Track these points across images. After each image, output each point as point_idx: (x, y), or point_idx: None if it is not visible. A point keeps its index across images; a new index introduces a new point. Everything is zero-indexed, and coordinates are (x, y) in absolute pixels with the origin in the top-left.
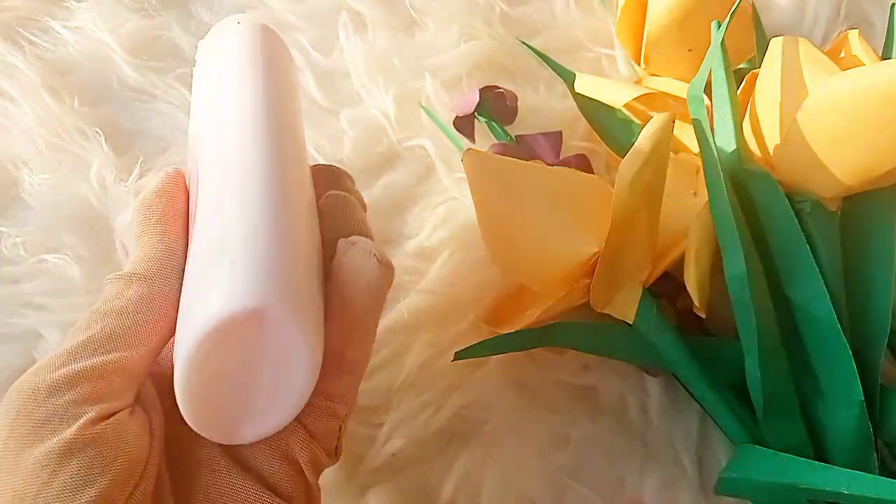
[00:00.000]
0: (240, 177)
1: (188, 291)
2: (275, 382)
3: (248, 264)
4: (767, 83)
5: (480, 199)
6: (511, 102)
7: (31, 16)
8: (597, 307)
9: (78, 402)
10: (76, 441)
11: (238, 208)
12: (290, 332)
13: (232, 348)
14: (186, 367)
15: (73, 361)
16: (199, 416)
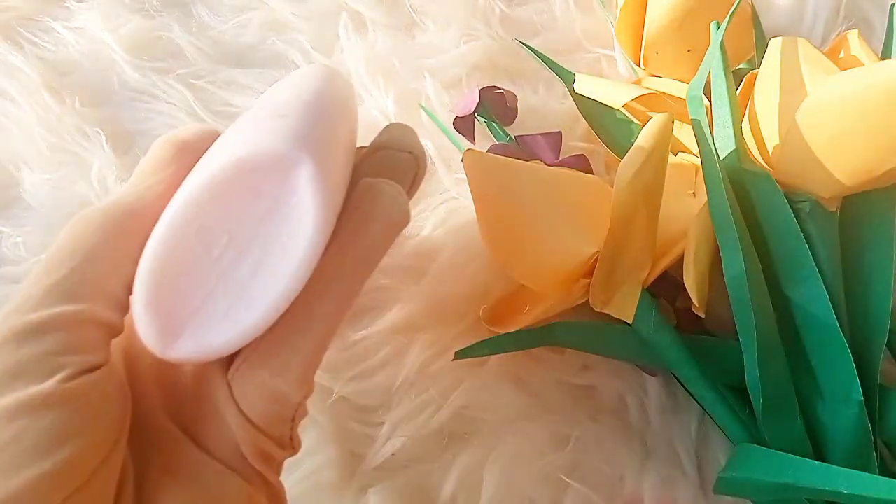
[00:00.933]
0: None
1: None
2: (258, 268)
3: (298, 121)
4: (767, 83)
5: (480, 199)
6: (511, 103)
7: (32, 16)
8: (596, 307)
9: (53, 353)
10: (52, 396)
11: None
12: (312, 199)
13: (242, 196)
14: (193, 199)
15: (44, 307)
16: (158, 284)
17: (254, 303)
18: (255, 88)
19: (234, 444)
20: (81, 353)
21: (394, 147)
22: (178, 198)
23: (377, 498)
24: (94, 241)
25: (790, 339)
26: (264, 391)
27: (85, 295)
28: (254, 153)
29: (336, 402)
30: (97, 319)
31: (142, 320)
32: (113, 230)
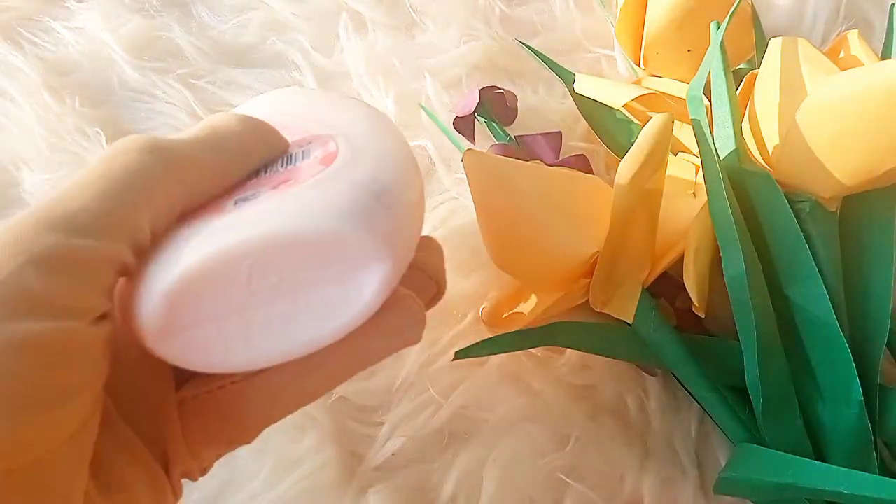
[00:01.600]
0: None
1: (307, 189)
2: (279, 320)
3: (397, 220)
4: (767, 83)
5: (480, 199)
6: (511, 103)
7: (32, 16)
8: (596, 307)
9: (73, 293)
10: (71, 338)
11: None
12: (370, 297)
13: (312, 258)
14: (263, 242)
15: (77, 232)
16: (186, 287)
17: (256, 346)
18: (255, 88)
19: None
20: (99, 298)
21: (431, 272)
22: (256, 225)
23: (377, 498)
24: (143, 175)
25: (790, 339)
26: (218, 442)
27: (118, 231)
28: (344, 238)
29: (336, 402)
30: (120, 262)
31: (150, 305)
32: (165, 171)
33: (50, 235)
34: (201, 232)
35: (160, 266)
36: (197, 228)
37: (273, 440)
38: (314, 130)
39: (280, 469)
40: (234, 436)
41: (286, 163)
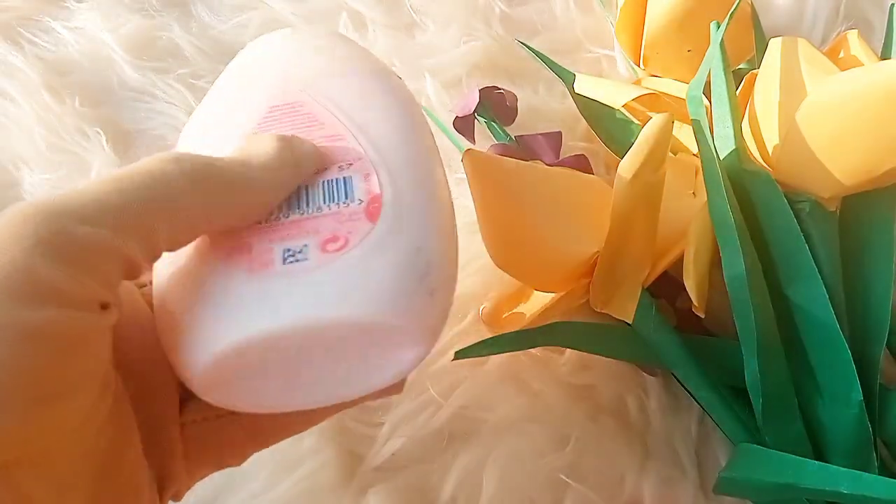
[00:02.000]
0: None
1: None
2: (317, 378)
3: (441, 305)
4: (767, 83)
5: (480, 199)
6: (511, 102)
7: (32, 16)
8: (596, 307)
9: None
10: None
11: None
12: (402, 373)
13: (356, 338)
14: (314, 327)
15: (97, 222)
16: (244, 356)
17: (293, 396)
18: None
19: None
20: (103, 288)
21: None
22: (302, 310)
23: (377, 498)
24: (164, 181)
25: (790, 339)
26: (211, 464)
27: (128, 227)
28: (390, 327)
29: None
30: (129, 258)
31: (199, 360)
32: (189, 185)
33: (58, 221)
34: (252, 290)
35: (207, 314)
36: (243, 281)
37: None
38: (347, 138)
39: (280, 469)
40: (228, 459)
41: (328, 195)
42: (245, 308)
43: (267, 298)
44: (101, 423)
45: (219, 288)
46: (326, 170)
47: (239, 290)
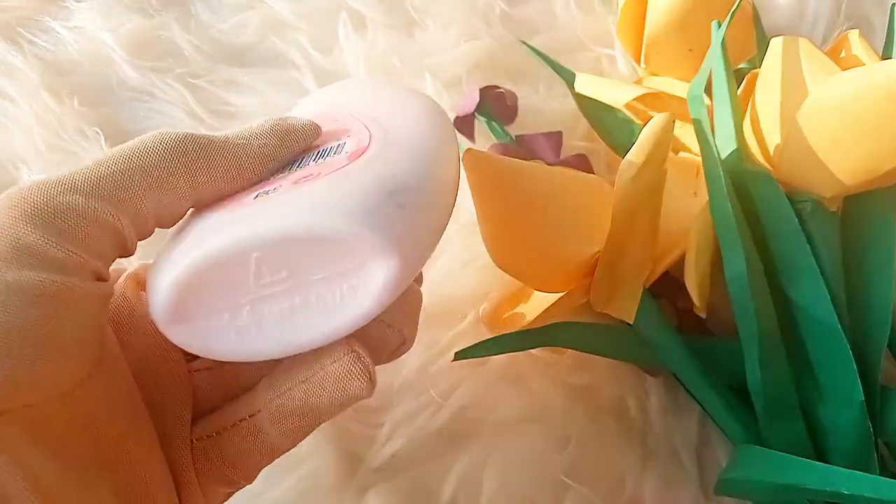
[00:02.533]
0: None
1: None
2: (291, 314)
3: (410, 219)
4: (767, 83)
5: (480, 199)
6: (511, 102)
7: (31, 16)
8: (597, 307)
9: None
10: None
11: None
12: (378, 295)
13: (320, 253)
14: (270, 236)
15: (87, 193)
16: (195, 276)
17: (267, 338)
18: (254, 88)
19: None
20: (92, 257)
21: (389, 320)
22: (265, 220)
23: (377, 499)
24: (152, 157)
25: (791, 339)
26: (223, 483)
27: (115, 198)
28: (347, 236)
29: None
30: (116, 229)
31: (161, 293)
32: (175, 155)
33: (45, 192)
34: (214, 224)
35: (172, 254)
36: (211, 220)
37: None
38: (359, 124)
39: (280, 469)
40: (238, 476)
41: (319, 157)
42: (201, 237)
43: (224, 225)
44: (102, 398)
45: (184, 234)
46: (325, 143)
47: (200, 228)
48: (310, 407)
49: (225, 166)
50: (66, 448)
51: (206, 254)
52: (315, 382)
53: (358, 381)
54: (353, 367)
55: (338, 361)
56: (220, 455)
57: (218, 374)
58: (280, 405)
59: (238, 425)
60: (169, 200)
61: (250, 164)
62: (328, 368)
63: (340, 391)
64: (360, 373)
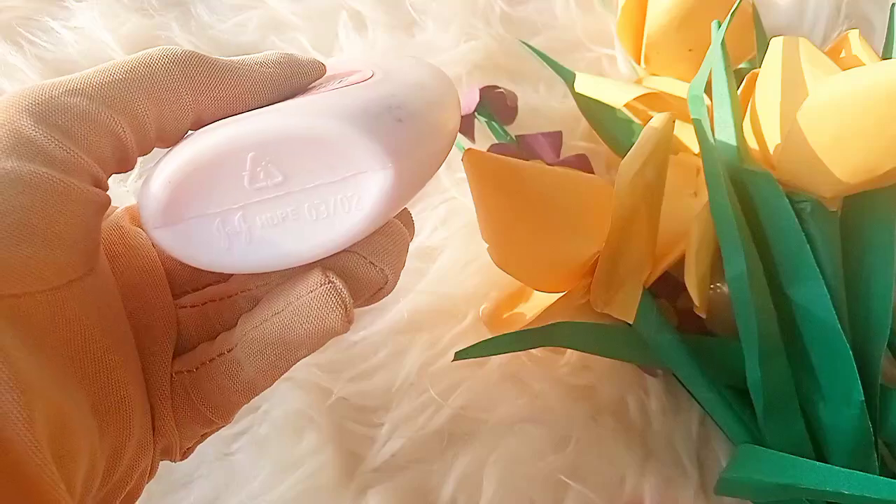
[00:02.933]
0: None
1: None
2: (283, 223)
3: (407, 132)
4: (767, 83)
5: (480, 199)
6: (511, 102)
7: (31, 16)
8: (597, 307)
9: (52, 143)
10: (63, 187)
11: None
12: (371, 206)
13: (317, 159)
14: (270, 133)
15: (65, 93)
16: (190, 175)
17: (257, 248)
18: None
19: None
20: (91, 160)
21: (372, 257)
22: (262, 119)
23: (377, 499)
24: (158, 69)
25: (791, 339)
26: (201, 419)
27: (116, 102)
28: (345, 138)
29: (336, 403)
30: (116, 133)
31: (153, 192)
32: (181, 75)
33: (50, 91)
34: (210, 127)
35: (166, 158)
36: (209, 127)
37: (272, 441)
38: (364, 67)
39: (280, 470)
40: (215, 414)
41: (321, 87)
42: (201, 135)
43: (224, 124)
44: (89, 307)
45: (182, 141)
46: (330, 81)
47: (197, 133)
48: (285, 339)
49: (229, 86)
50: (47, 346)
51: (202, 150)
52: (290, 313)
53: (334, 314)
54: (329, 298)
55: (314, 292)
56: (198, 391)
57: (202, 312)
58: (255, 337)
59: (215, 360)
60: (172, 114)
61: (254, 87)
62: (304, 299)
63: (316, 323)
64: (336, 304)
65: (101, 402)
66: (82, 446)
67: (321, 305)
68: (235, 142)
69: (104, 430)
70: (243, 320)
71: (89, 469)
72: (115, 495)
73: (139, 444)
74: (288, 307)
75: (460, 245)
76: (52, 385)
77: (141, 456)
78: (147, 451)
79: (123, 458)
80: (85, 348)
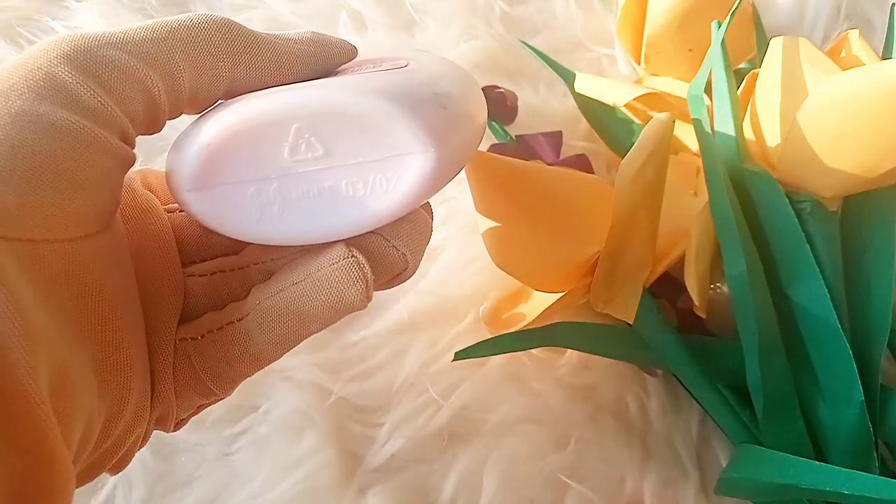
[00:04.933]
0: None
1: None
2: (319, 197)
3: (452, 120)
4: (767, 83)
5: (480, 199)
6: (511, 102)
7: (31, 16)
8: (597, 307)
9: (85, 93)
10: (95, 136)
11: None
12: (410, 188)
13: (361, 136)
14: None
15: (101, 45)
16: (228, 139)
17: (288, 221)
18: None
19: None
20: (122, 114)
21: (395, 240)
22: (311, 92)
23: (377, 499)
24: (197, 32)
25: (791, 339)
26: (199, 391)
27: (151, 59)
28: (392, 118)
29: (335, 403)
30: (149, 90)
31: (190, 154)
32: (221, 41)
33: (85, 42)
34: (256, 94)
35: (206, 122)
36: (250, 96)
37: (272, 441)
38: (394, 56)
39: (279, 470)
40: (218, 384)
41: (357, 69)
42: (247, 101)
43: (271, 93)
44: (101, 264)
45: (218, 108)
46: (361, 65)
47: (236, 100)
48: (301, 310)
49: (266, 59)
50: (57, 297)
51: (247, 116)
52: (309, 284)
53: (355, 288)
54: (352, 271)
55: (336, 264)
56: (202, 360)
57: (211, 282)
58: (270, 306)
59: (224, 329)
60: (207, 80)
61: (290, 62)
62: (325, 270)
63: (335, 296)
64: (358, 279)
65: (103, 362)
66: (82, 405)
67: (342, 278)
68: (283, 111)
69: (103, 392)
70: (256, 290)
71: (86, 429)
72: (107, 459)
73: (136, 409)
74: (307, 278)
75: (460, 245)
76: (58, 338)
77: (137, 422)
78: (143, 417)
79: (120, 422)
80: (94, 306)
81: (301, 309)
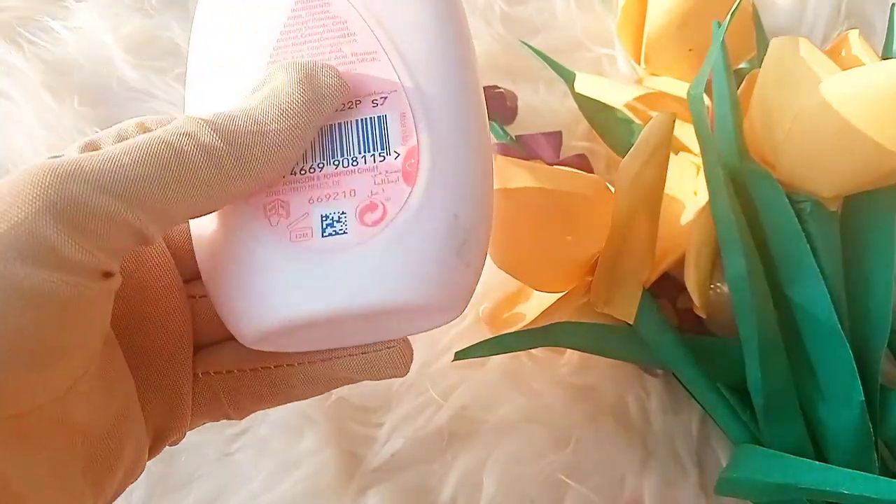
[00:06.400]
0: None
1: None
2: (364, 338)
3: (475, 275)
4: (768, 83)
5: None
6: (511, 102)
7: (31, 16)
8: (597, 307)
9: (70, 247)
10: (75, 294)
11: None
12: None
13: (389, 316)
14: (340, 311)
15: (107, 192)
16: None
17: (333, 344)
18: None
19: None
20: (110, 258)
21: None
22: (342, 294)
23: (377, 499)
24: (201, 170)
25: (791, 339)
26: (215, 417)
27: (145, 201)
28: (428, 307)
29: (336, 403)
30: (141, 233)
31: (248, 332)
32: (210, 161)
33: (71, 186)
34: (296, 269)
35: (255, 290)
36: (286, 252)
37: (272, 441)
38: (381, 57)
39: (280, 470)
40: (240, 413)
41: (362, 142)
42: (291, 289)
43: (311, 280)
44: (90, 386)
45: (263, 259)
46: (359, 103)
47: (283, 266)
48: (347, 378)
49: (263, 165)
50: (44, 450)
51: (295, 316)
52: (362, 361)
53: (402, 370)
54: (404, 356)
55: (392, 349)
56: (231, 395)
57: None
58: (317, 370)
59: (260, 372)
60: (203, 203)
61: (290, 153)
62: (381, 353)
63: (383, 373)
64: (407, 364)
65: (92, 467)
66: None
67: (396, 361)
68: (324, 315)
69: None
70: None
71: None
72: None
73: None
74: (363, 356)
75: None
76: (46, 484)
77: (130, 474)
78: (142, 469)
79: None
80: (85, 439)
81: (349, 378)
